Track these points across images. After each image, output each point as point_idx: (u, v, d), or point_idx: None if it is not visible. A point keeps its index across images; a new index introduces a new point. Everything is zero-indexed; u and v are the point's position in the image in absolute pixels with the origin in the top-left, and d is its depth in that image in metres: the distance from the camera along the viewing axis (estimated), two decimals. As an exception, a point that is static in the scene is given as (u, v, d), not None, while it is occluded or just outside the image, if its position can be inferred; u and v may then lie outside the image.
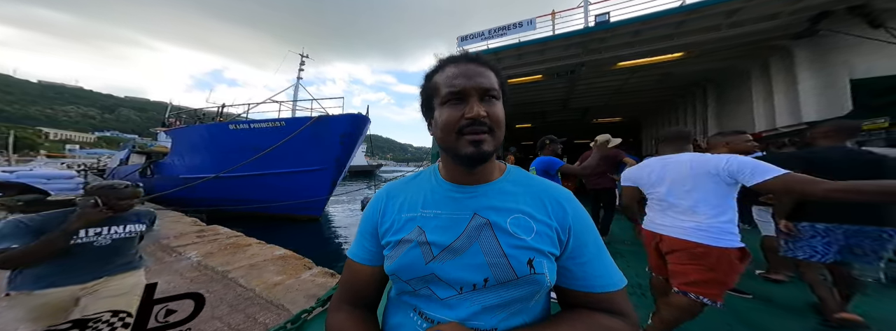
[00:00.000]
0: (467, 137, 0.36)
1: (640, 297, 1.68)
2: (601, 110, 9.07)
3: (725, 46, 4.71)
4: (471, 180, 0.43)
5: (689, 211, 1.09)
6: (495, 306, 0.36)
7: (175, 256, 2.78)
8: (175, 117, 11.10)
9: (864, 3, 3.46)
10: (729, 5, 3.72)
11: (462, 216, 0.40)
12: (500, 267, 0.36)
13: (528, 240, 0.37)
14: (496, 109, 0.38)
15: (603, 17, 4.42)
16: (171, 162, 7.90)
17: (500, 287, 0.36)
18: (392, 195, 0.46)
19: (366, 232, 0.45)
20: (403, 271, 0.38)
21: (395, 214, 0.43)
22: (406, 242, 0.39)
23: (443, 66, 0.41)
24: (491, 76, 0.39)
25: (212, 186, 6.39)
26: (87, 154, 30.20)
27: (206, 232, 3.73)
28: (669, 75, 6.15)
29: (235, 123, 6.47)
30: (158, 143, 11.44)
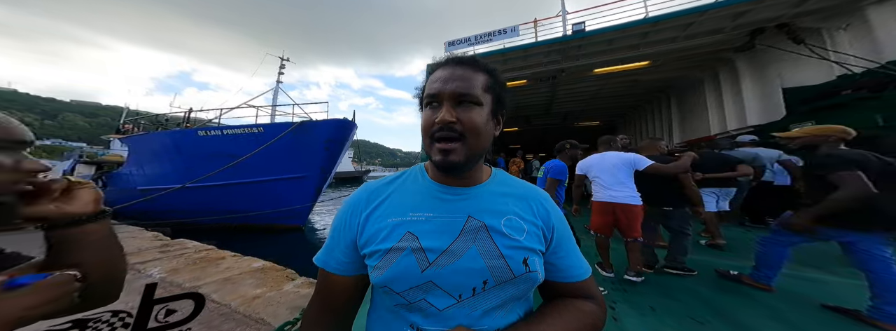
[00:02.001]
0: (437, 144, 0.36)
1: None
2: (581, 114, 9.65)
3: (682, 57, 5.34)
4: (460, 183, 0.42)
5: (619, 185, 1.87)
6: (495, 307, 0.37)
7: (133, 273, 2.44)
8: (132, 123, 10.09)
9: (787, 22, 4.09)
10: (684, 19, 4.23)
11: (456, 219, 0.39)
12: (499, 268, 0.36)
13: (521, 240, 0.39)
14: (471, 114, 0.36)
15: (579, 26, 4.76)
16: (129, 172, 7.13)
17: (499, 288, 0.37)
18: (373, 199, 0.42)
19: (340, 240, 0.41)
20: (397, 282, 0.36)
21: (379, 220, 0.40)
22: (397, 250, 0.37)
23: (435, 68, 0.40)
24: (474, 80, 0.37)
25: (178, 198, 5.81)
26: (21, 166, 26.37)
27: (172, 246, 3.35)
28: (638, 82, 6.73)
29: (206, 130, 6.01)
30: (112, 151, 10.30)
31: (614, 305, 1.58)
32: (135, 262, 2.76)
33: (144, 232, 4.26)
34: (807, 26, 4.05)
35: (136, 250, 3.20)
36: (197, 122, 7.56)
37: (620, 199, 1.83)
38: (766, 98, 4.70)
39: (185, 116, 7.50)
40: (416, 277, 0.36)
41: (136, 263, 2.74)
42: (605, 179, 1.90)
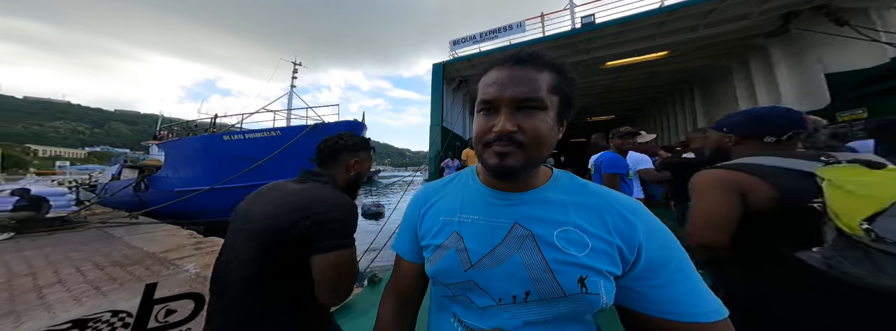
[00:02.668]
0: (494, 147, 0.33)
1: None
2: (594, 109, 9.27)
3: (705, 45, 4.95)
4: (511, 187, 0.39)
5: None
6: (537, 321, 0.34)
7: (173, 268, 2.74)
8: (167, 130, 10.98)
9: (825, 3, 3.68)
10: (704, 6, 3.93)
11: (501, 224, 0.37)
12: (546, 282, 0.33)
13: (579, 256, 0.33)
14: (535, 121, 0.33)
15: (588, 19, 4.57)
16: (166, 175, 7.80)
17: (544, 303, 0.33)
18: (429, 196, 0.47)
19: (407, 231, 0.48)
20: (443, 276, 0.39)
21: (433, 216, 0.44)
22: (445, 247, 0.39)
23: (489, 67, 0.37)
24: (537, 82, 0.33)
25: (208, 198, 6.31)
26: (79, 170, 29.67)
27: (204, 244, 3.68)
28: (656, 74, 6.35)
29: (230, 134, 6.44)
30: (150, 156, 11.29)
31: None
32: (173, 258, 3.08)
33: (181, 230, 4.71)
34: (850, 6, 3.62)
35: (174, 246, 3.57)
36: (222, 127, 8.12)
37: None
38: (805, 85, 4.27)
39: (212, 122, 8.08)
40: (459, 274, 0.37)
41: (175, 258, 3.06)
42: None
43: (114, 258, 3.10)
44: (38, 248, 3.58)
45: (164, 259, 3.03)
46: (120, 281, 2.42)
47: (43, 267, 2.83)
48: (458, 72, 6.11)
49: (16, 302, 2.02)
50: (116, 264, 2.92)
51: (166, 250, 3.42)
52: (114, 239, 4.06)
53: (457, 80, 6.22)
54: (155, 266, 2.81)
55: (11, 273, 2.65)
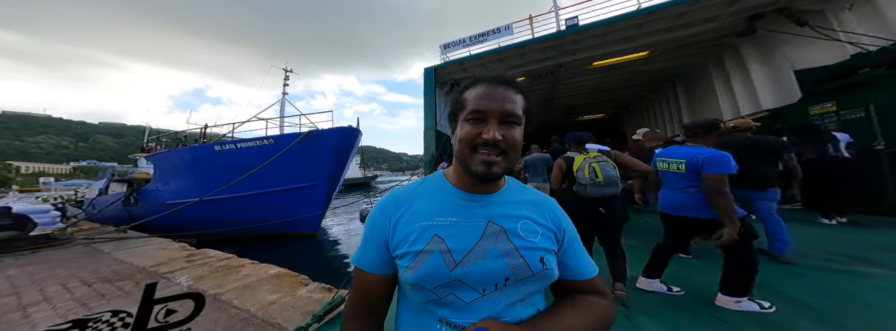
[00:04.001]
0: (481, 155, 0.39)
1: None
2: (584, 108, 9.50)
3: (682, 45, 5.22)
4: (480, 190, 0.45)
5: None
6: (516, 301, 0.40)
7: (164, 282, 2.67)
8: (155, 142, 10.76)
9: (786, 6, 3.95)
10: (676, 9, 4.17)
11: (477, 224, 0.42)
12: (519, 267, 0.40)
13: (536, 241, 0.42)
14: (513, 133, 0.40)
15: (573, 21, 4.72)
16: (156, 188, 7.62)
17: (520, 284, 0.40)
18: (400, 204, 0.46)
19: (373, 242, 0.45)
20: (428, 280, 0.39)
21: (408, 224, 0.43)
22: (427, 251, 0.40)
23: (476, 83, 0.43)
24: (517, 101, 0.41)
25: (199, 210, 6.18)
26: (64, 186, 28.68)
27: (196, 256, 3.60)
28: (639, 73, 6.58)
29: (221, 144, 6.36)
30: (139, 169, 11.03)
31: (625, 303, 1.54)
32: (165, 271, 3.00)
33: (173, 243, 4.59)
34: (807, 8, 3.91)
35: (166, 260, 3.48)
36: (213, 136, 8.00)
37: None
38: (777, 82, 4.52)
39: (202, 132, 7.96)
40: (445, 275, 0.39)
41: (166, 272, 2.98)
42: None
43: (102, 274, 3.01)
44: (21, 267, 3.45)
45: (155, 273, 2.95)
46: (108, 297, 2.35)
47: (27, 286, 2.73)
48: (450, 75, 6.20)
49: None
50: (105, 279, 2.83)
51: (158, 263, 3.33)
52: (101, 255, 3.94)
53: (449, 84, 6.31)
54: (145, 280, 2.73)
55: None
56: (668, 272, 1.76)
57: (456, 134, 0.43)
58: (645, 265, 1.75)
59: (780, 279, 1.83)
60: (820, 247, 2.39)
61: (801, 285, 1.75)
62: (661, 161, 1.68)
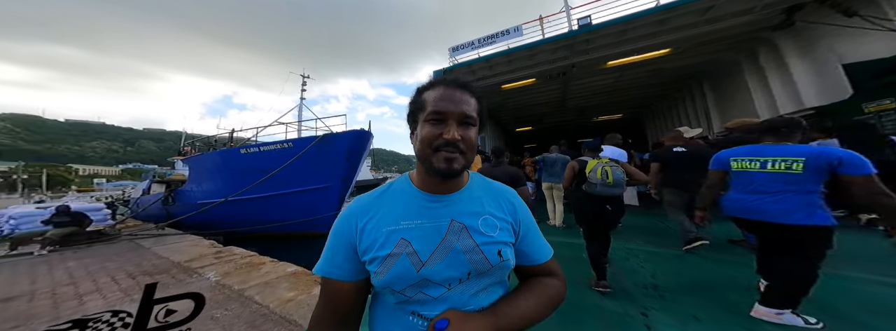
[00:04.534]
0: (443, 153, 0.41)
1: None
2: (599, 108, 9.11)
3: (709, 41, 4.84)
4: (444, 189, 0.47)
5: None
6: (479, 291, 0.44)
7: (195, 276, 2.91)
8: (190, 146, 11.71)
9: None
10: (702, 3, 3.87)
11: (441, 224, 0.44)
12: (479, 261, 0.43)
13: (495, 236, 0.46)
14: (470, 133, 0.43)
15: (585, 20, 4.59)
16: (190, 189, 8.28)
17: (481, 276, 0.44)
18: (364, 211, 0.47)
19: (340, 249, 0.45)
20: (396, 283, 0.41)
21: (374, 230, 0.44)
22: (394, 255, 0.42)
23: (434, 85, 0.45)
24: (472, 104, 0.44)
25: (226, 209, 6.64)
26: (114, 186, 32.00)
27: (223, 253, 3.88)
28: (661, 71, 6.21)
29: (246, 147, 6.81)
30: (176, 171, 12.05)
31: (647, 313, 1.48)
32: (196, 266, 3.27)
33: (203, 240, 4.98)
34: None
35: (197, 256, 3.78)
36: (238, 140, 8.59)
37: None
38: (822, 77, 4.07)
39: (230, 136, 8.57)
40: (412, 276, 0.41)
41: (198, 267, 3.24)
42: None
43: (144, 268, 3.34)
44: (78, 259, 3.90)
45: (188, 268, 3.23)
46: (149, 289, 2.61)
47: (83, 277, 3.09)
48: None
49: (59, 309, 2.22)
50: (146, 273, 3.13)
51: (190, 259, 3.63)
52: (144, 250, 4.36)
53: None
54: (180, 274, 3.00)
55: (55, 283, 2.91)
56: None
57: (417, 134, 0.44)
58: (766, 293, 1.42)
59: (827, 292, 1.66)
60: (872, 258, 2.16)
61: (851, 299, 1.59)
62: (743, 160, 1.47)
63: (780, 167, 1.35)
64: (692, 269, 2.05)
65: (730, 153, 1.55)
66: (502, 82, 6.18)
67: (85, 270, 3.37)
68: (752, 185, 1.42)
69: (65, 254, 4.26)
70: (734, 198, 1.48)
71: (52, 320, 1.98)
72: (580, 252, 1.95)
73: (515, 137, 12.55)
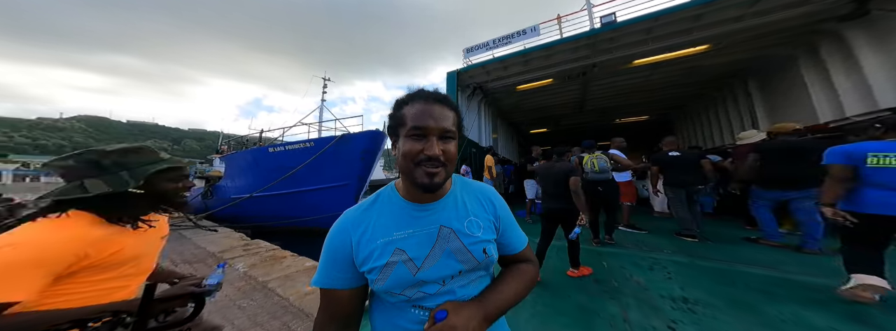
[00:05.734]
0: (425, 168, 0.42)
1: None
2: (623, 110, 8.56)
3: (758, 35, 4.31)
4: (430, 198, 0.50)
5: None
6: (468, 282, 0.50)
7: (228, 266, 3.17)
8: (226, 144, 12.81)
9: None
10: None
11: (431, 230, 0.48)
12: (467, 260, 0.48)
13: (480, 235, 0.50)
14: (451, 146, 0.45)
15: (608, 18, 4.34)
16: (225, 184, 9.06)
17: (470, 272, 0.49)
18: (357, 223, 0.49)
19: (337, 261, 0.47)
20: (396, 286, 0.45)
21: (369, 242, 0.47)
22: (391, 264, 0.45)
23: (413, 99, 0.45)
24: (451, 118, 0.45)
25: (254, 204, 7.15)
26: (161, 180, 35.70)
27: (251, 246, 4.19)
28: (697, 69, 5.69)
29: (274, 146, 7.31)
30: (213, 168, 13.24)
31: (675, 326, 1.39)
32: (227, 257, 3.56)
33: (234, 233, 5.41)
34: None
35: (228, 247, 4.12)
36: (267, 140, 9.24)
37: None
38: None
39: (259, 136, 9.25)
40: (409, 279, 0.45)
41: (229, 258, 3.53)
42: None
43: (185, 256, 3.70)
44: (132, 245, 4.41)
45: (220, 258, 3.52)
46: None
47: (135, 261, 3.49)
48: (472, 79, 6.16)
49: (117, 290, 2.52)
50: (186, 261, 3.47)
51: (222, 250, 3.96)
52: (185, 240, 4.83)
53: (471, 88, 6.27)
54: (214, 264, 3.28)
55: (114, 266, 3.32)
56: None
57: (399, 148, 0.45)
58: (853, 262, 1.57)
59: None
60: None
61: None
62: (886, 156, 1.47)
63: None
64: (726, 281, 1.89)
65: (866, 148, 1.52)
66: (518, 83, 6.03)
67: (137, 255, 3.79)
68: (886, 181, 1.43)
69: (122, 240, 4.83)
70: (871, 194, 1.46)
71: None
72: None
73: (530, 138, 12.19)
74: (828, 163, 1.63)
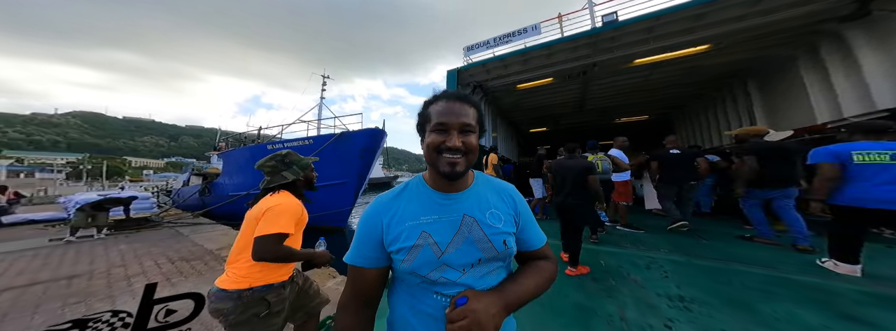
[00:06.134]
0: (446, 157, 0.48)
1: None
2: (622, 109, 8.58)
3: (759, 35, 4.31)
4: (454, 188, 0.55)
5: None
6: (487, 273, 0.52)
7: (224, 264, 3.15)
8: (224, 142, 12.70)
9: None
10: None
11: (455, 218, 0.52)
12: (488, 249, 0.51)
13: (500, 227, 0.53)
14: (470, 139, 0.50)
15: (610, 17, 4.33)
16: (223, 182, 9.00)
17: (490, 261, 0.52)
18: (387, 207, 0.54)
19: (368, 242, 0.53)
20: (422, 267, 0.49)
21: (397, 225, 0.51)
22: (418, 246, 0.49)
23: (437, 99, 0.53)
24: (471, 114, 0.51)
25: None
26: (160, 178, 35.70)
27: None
28: (697, 69, 5.69)
29: (272, 143, 7.26)
30: (211, 165, 13.15)
31: (672, 325, 1.41)
32: (225, 255, 3.54)
33: (232, 231, 5.39)
34: None
35: (226, 245, 4.10)
36: (265, 137, 9.17)
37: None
38: None
39: (258, 133, 9.19)
40: (434, 262, 0.49)
41: (227, 255, 3.51)
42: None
43: (182, 254, 3.68)
44: (129, 243, 4.39)
45: (218, 256, 3.51)
46: (185, 274, 2.87)
47: (131, 260, 3.47)
48: (473, 77, 6.14)
49: (112, 288, 2.51)
50: (183, 259, 3.46)
51: (220, 247, 3.95)
52: (182, 237, 4.81)
53: (472, 86, 6.24)
54: (211, 262, 3.27)
55: (110, 264, 3.30)
56: None
57: (425, 141, 0.51)
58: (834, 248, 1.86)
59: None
60: None
61: None
62: (868, 153, 1.68)
63: None
64: (722, 280, 1.91)
65: (850, 147, 1.72)
66: (518, 82, 6.00)
67: (133, 253, 3.78)
68: (883, 174, 1.59)
69: (118, 238, 4.81)
70: (863, 188, 1.63)
71: (106, 299, 2.24)
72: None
73: (529, 137, 12.20)
74: (816, 162, 1.82)
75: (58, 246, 4.19)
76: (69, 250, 3.95)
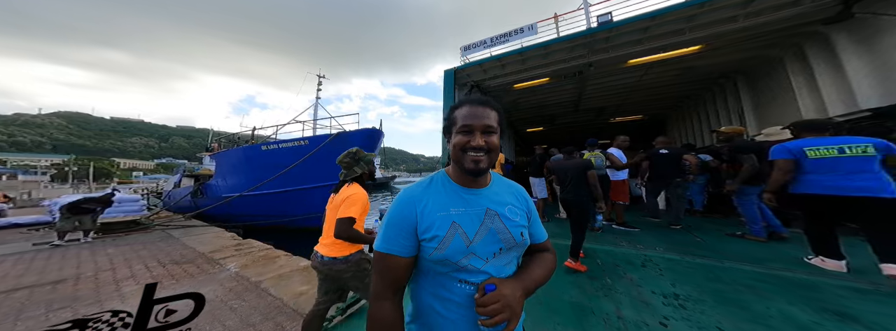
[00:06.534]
0: (471, 155, 0.54)
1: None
2: (618, 109, 8.69)
3: (748, 37, 4.42)
4: (476, 185, 0.61)
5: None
6: (505, 263, 0.57)
7: (217, 267, 3.10)
8: (216, 142, 12.46)
9: None
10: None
11: (478, 211, 0.58)
12: (508, 240, 0.57)
13: (518, 220, 0.60)
14: (492, 139, 0.56)
15: (605, 18, 4.38)
16: (216, 183, 8.82)
17: (509, 251, 0.58)
18: (419, 199, 0.58)
19: (402, 230, 0.55)
20: (453, 255, 0.53)
21: (431, 214, 0.55)
22: (451, 235, 0.54)
23: (462, 104, 0.59)
24: (493, 116, 0.57)
25: (246, 203, 6.99)
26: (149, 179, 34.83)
27: (243, 245, 4.10)
28: (691, 69, 5.80)
29: (267, 144, 7.15)
30: (203, 166, 12.89)
31: (667, 322, 1.43)
32: (219, 257, 3.47)
33: (225, 232, 5.29)
34: None
35: (220, 247, 4.02)
36: (259, 138, 9.00)
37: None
38: (882, 75, 3.60)
39: (252, 134, 9.03)
40: (463, 250, 0.53)
41: (220, 258, 3.45)
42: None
43: (173, 257, 3.60)
44: (117, 246, 4.27)
45: (211, 258, 3.44)
46: (176, 277, 2.81)
47: (120, 263, 3.38)
48: (470, 77, 6.14)
49: (100, 292, 2.44)
50: (175, 261, 3.38)
51: (213, 250, 3.87)
52: (173, 240, 4.70)
53: (469, 86, 6.25)
54: (204, 265, 3.20)
55: (97, 268, 3.21)
56: None
57: (451, 141, 0.58)
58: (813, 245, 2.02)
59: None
60: None
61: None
62: (819, 148, 1.85)
63: (857, 151, 1.71)
64: (715, 277, 1.95)
65: (802, 144, 1.92)
66: (514, 82, 6.04)
67: (122, 257, 3.68)
68: (837, 166, 1.75)
69: (106, 241, 4.67)
70: (818, 179, 1.82)
71: (94, 303, 2.18)
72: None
73: (525, 137, 12.29)
74: (774, 159, 2.03)
75: (42, 250, 4.06)
76: (54, 254, 3.83)
